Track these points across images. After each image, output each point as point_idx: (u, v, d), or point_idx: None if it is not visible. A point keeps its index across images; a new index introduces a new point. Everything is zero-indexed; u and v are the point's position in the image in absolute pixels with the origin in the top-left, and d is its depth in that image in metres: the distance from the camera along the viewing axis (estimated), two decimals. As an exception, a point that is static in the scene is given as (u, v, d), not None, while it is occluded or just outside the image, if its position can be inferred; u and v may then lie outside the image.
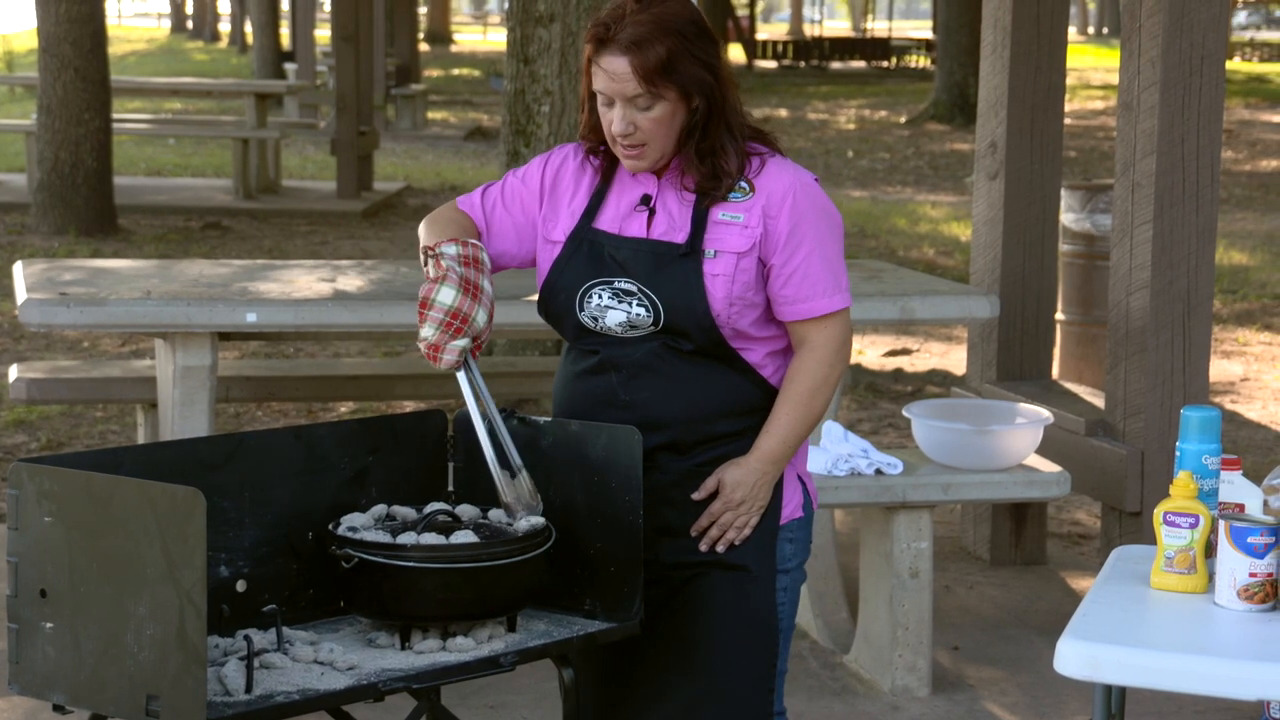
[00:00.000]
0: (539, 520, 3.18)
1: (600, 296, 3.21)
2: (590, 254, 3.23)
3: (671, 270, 3.17)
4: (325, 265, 5.94)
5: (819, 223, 3.20)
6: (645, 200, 3.23)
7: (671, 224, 3.20)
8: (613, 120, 3.15)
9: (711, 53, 3.16)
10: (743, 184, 3.19)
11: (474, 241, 3.21)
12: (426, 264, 3.19)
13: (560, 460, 3.26)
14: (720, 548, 3.22)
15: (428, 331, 3.13)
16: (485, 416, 3.20)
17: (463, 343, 3.13)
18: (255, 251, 12.78)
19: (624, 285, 3.20)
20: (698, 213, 3.18)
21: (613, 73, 3.11)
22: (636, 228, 3.22)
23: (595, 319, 3.22)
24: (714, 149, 3.17)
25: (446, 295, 3.12)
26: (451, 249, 3.16)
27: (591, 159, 3.29)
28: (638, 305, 3.19)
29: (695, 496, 3.23)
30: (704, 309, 3.16)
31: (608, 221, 3.25)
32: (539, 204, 3.31)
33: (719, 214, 3.18)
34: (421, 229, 3.29)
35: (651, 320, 3.18)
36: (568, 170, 3.32)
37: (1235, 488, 3.26)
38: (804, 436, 3.24)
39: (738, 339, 3.20)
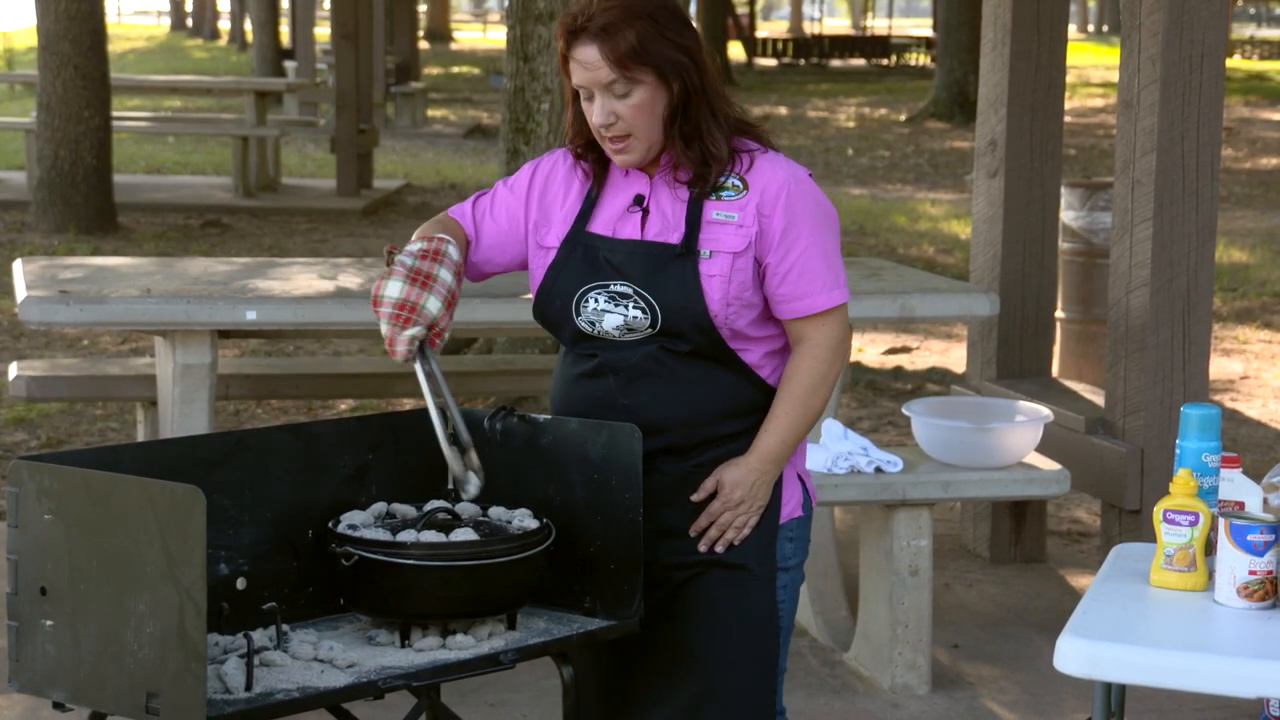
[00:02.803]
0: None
1: (596, 300, 3.19)
2: (585, 258, 3.20)
3: (668, 272, 3.14)
4: (325, 263, 5.94)
5: (814, 218, 3.17)
6: (638, 200, 3.20)
7: (666, 224, 3.18)
8: (594, 113, 3.12)
9: (686, 35, 3.12)
10: (736, 181, 3.15)
11: (440, 236, 3.19)
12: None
13: (560, 458, 3.25)
14: (720, 548, 3.21)
15: (383, 327, 3.12)
16: (440, 407, 3.15)
17: (413, 331, 3.10)
18: (255, 249, 12.78)
19: (620, 288, 3.17)
20: (692, 212, 3.15)
21: (585, 62, 3.08)
22: (631, 229, 3.20)
23: (592, 323, 3.20)
24: (698, 132, 3.13)
25: (393, 289, 3.11)
26: (412, 248, 3.16)
27: (581, 163, 3.26)
28: (634, 308, 3.16)
29: (694, 498, 3.21)
30: (701, 310, 3.13)
31: (601, 224, 3.22)
32: (526, 210, 3.28)
33: (713, 213, 3.15)
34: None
35: (649, 323, 3.16)
36: (558, 175, 3.28)
37: (1235, 485, 3.26)
38: (803, 435, 3.23)
39: (736, 340, 3.18)
